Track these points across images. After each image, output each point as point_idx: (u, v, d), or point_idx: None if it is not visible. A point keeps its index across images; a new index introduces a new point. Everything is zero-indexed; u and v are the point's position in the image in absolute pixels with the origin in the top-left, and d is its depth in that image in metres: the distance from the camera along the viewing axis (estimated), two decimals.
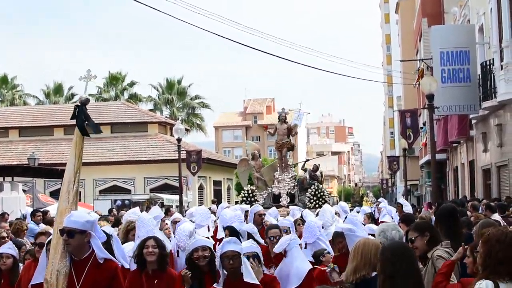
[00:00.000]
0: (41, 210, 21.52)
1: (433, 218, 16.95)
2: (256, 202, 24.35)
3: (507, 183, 25.63)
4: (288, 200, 25.29)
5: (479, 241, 5.68)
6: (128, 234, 10.62)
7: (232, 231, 10.82)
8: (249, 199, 25.17)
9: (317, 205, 22.63)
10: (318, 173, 27.74)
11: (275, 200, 25.30)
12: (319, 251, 10.08)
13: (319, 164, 29.05)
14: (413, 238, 7.40)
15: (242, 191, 26.26)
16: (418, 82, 43.49)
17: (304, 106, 28.84)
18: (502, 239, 5.38)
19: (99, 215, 22.58)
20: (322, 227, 11.85)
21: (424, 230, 7.40)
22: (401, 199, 22.42)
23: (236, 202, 37.21)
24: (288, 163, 27.38)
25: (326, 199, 25.10)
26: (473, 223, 11.89)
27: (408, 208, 19.50)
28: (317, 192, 25.05)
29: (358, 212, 17.50)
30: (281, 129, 26.23)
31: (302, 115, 29.82)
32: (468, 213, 15.37)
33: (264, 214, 14.00)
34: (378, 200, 28.13)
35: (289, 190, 25.67)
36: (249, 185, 26.60)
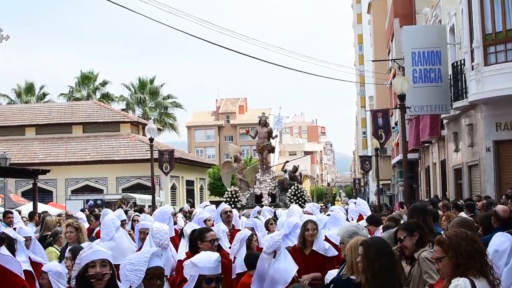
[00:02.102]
0: (12, 210, 21.37)
1: (405, 217, 17.05)
2: (239, 202, 25.03)
3: (478, 183, 25.84)
4: (270, 200, 25.86)
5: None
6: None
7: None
8: (232, 199, 25.82)
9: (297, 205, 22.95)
10: (297, 174, 28.31)
11: (257, 200, 25.96)
12: None
13: (298, 165, 29.61)
14: (402, 237, 7.45)
15: (226, 192, 26.89)
16: (390, 82, 43.73)
17: (276, 106, 29.29)
18: (464, 236, 5.64)
19: (69, 215, 22.54)
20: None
21: (413, 230, 7.41)
22: (358, 199, 22.49)
23: (210, 202, 37.24)
24: (269, 164, 28.02)
25: (306, 198, 25.76)
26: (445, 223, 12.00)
27: (360, 208, 19.27)
28: (297, 192, 25.70)
29: (331, 211, 17.52)
30: (262, 132, 27.17)
31: (282, 120, 30.47)
32: (440, 212, 15.49)
33: (230, 211, 14.03)
34: (349, 200, 28.35)
35: (270, 191, 26.36)
36: (232, 186, 27.23)
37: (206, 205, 18.49)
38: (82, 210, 26.94)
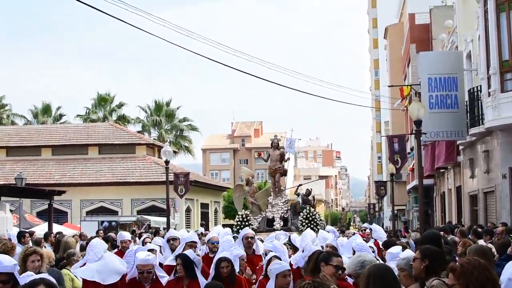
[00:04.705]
0: (27, 230, 21.42)
1: (411, 242, 17.00)
2: (251, 226, 24.73)
3: (494, 210, 25.71)
4: (282, 223, 25.57)
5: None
6: (26, 261, 9.71)
7: (185, 260, 9.83)
8: (243, 223, 25.52)
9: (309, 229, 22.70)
10: (310, 197, 28.01)
11: (269, 224, 25.66)
12: None
13: (311, 189, 29.36)
14: (414, 257, 7.48)
15: (237, 216, 26.60)
16: (406, 108, 43.66)
17: (292, 131, 29.06)
18: (477, 265, 5.62)
19: (85, 236, 22.54)
20: (303, 251, 11.86)
21: (425, 256, 7.36)
22: (373, 225, 22.31)
23: (224, 225, 37.30)
24: (281, 188, 27.77)
25: (318, 222, 25.39)
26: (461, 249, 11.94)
27: (378, 234, 19.16)
28: (308, 216, 25.36)
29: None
30: (274, 155, 26.85)
31: (294, 142, 30.22)
32: (457, 238, 15.44)
33: (252, 237, 13.91)
34: (364, 225, 28.12)
35: (282, 214, 26.03)
36: (243, 210, 26.97)
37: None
38: (97, 232, 27.03)
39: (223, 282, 9.44)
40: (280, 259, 10.32)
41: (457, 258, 10.84)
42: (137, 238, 22.71)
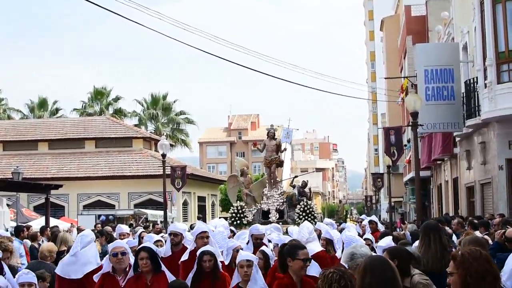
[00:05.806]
0: (25, 225, 21.42)
1: (407, 234, 16.98)
2: (245, 218, 24.38)
3: (491, 201, 25.71)
4: (277, 216, 25.21)
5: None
6: None
7: (151, 253, 9.16)
8: (238, 215, 25.13)
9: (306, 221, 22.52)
10: (306, 190, 27.60)
11: (265, 216, 25.24)
12: None
13: (307, 181, 28.94)
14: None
15: (231, 208, 26.15)
16: (402, 99, 43.69)
17: (290, 123, 28.69)
18: (477, 256, 5.48)
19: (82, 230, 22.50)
20: None
21: (394, 256, 7.33)
22: (372, 217, 22.25)
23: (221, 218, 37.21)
24: (277, 179, 27.37)
25: (315, 215, 25.10)
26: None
27: (380, 226, 19.32)
28: (306, 208, 24.98)
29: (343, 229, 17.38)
30: (270, 145, 26.31)
31: (291, 132, 29.75)
32: (450, 231, 15.45)
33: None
34: (361, 217, 27.98)
35: (278, 206, 25.58)
36: (238, 202, 26.55)
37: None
38: (95, 226, 27.04)
39: (206, 277, 9.28)
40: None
41: (454, 249, 10.85)
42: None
